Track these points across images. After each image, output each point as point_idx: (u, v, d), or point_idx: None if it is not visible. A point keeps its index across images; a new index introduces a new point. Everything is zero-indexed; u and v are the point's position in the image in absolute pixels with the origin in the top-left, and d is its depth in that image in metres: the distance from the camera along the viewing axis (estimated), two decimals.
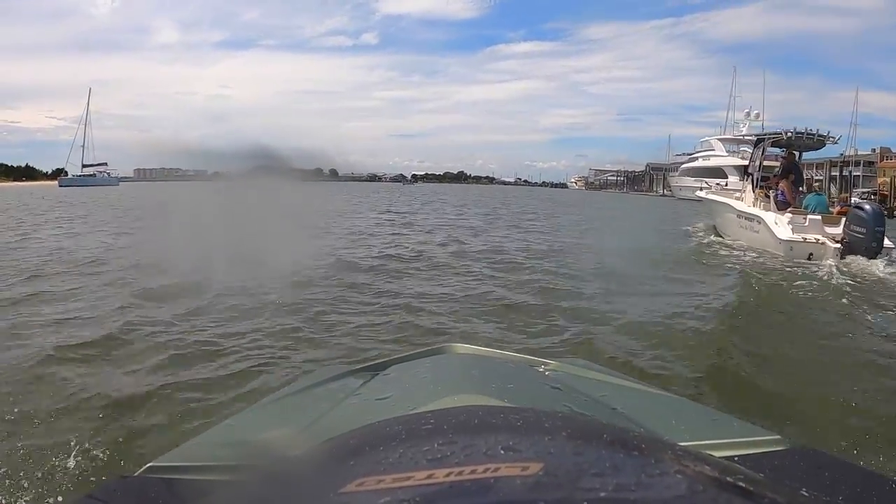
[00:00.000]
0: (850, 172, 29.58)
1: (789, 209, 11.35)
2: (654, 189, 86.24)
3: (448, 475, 0.42)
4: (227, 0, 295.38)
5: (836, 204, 12.52)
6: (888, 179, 38.11)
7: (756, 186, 13.45)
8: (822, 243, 10.13)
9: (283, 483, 0.51)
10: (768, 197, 12.62)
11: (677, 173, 61.69)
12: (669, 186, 66.49)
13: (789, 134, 12.95)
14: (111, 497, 0.83)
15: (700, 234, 15.55)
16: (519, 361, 1.60)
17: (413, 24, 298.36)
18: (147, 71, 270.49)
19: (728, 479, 0.42)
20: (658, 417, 1.13)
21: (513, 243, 13.09)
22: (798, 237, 10.38)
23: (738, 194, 15.21)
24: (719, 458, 0.58)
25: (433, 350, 1.75)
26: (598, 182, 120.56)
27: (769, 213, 11.63)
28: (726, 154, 50.05)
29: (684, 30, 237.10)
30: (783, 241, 10.45)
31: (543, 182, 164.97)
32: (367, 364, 1.69)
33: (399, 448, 0.50)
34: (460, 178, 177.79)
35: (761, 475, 0.48)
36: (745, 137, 42.03)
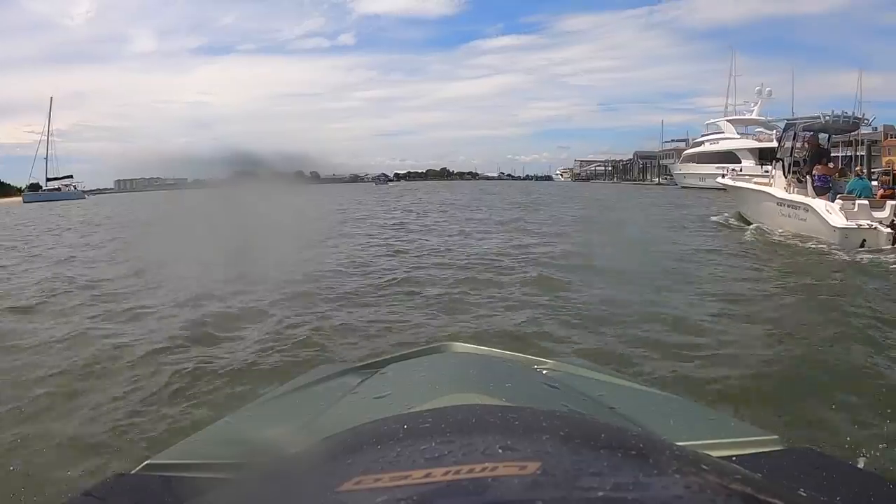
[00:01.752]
0: (871, 152, 29.48)
1: (839, 196, 11.57)
2: (647, 178, 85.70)
3: (446, 474, 0.45)
4: (202, 6, 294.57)
5: (879, 187, 12.67)
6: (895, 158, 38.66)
7: (788, 172, 13.66)
8: (875, 229, 10.38)
9: (280, 481, 0.55)
10: (801, 182, 12.86)
11: (679, 160, 61.03)
12: (669, 174, 65.99)
13: (827, 118, 13.16)
14: (109, 494, 0.87)
15: (736, 224, 15.63)
16: (517, 361, 1.67)
17: (390, 23, 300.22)
18: (126, 81, 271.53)
19: (725, 479, 0.45)
20: (656, 417, 1.19)
21: None
22: (853, 224, 10.59)
23: (759, 180, 15.60)
24: (716, 458, 0.60)
25: (431, 349, 1.83)
26: (584, 173, 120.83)
27: (818, 200, 11.80)
28: (738, 136, 49.56)
29: (660, 18, 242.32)
30: (838, 228, 10.62)
31: (527, 175, 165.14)
32: (364, 362, 1.78)
33: (397, 447, 0.53)
34: (443, 174, 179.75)
35: (758, 475, 0.50)
36: (769, 121, 41.46)
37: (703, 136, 56.60)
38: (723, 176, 18.98)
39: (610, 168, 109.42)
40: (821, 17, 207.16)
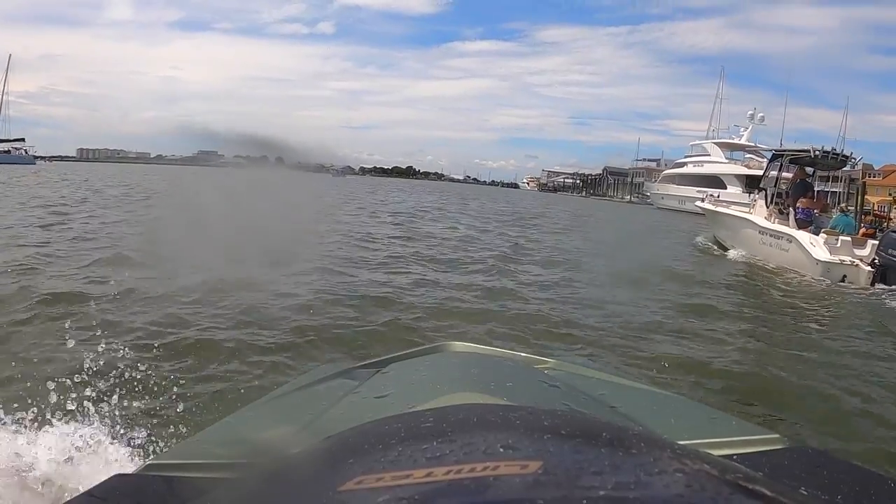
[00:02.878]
0: (858, 188, 30.16)
1: (822, 230, 12.11)
2: (616, 194, 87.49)
3: (447, 473, 0.46)
4: None
5: (861, 226, 13.35)
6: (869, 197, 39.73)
7: (770, 202, 14.26)
8: (857, 266, 10.92)
9: (282, 481, 0.58)
10: (783, 213, 13.43)
11: (655, 179, 61.60)
12: (639, 193, 66.38)
13: (817, 152, 13.72)
14: (110, 494, 0.89)
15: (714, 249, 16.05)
16: (518, 360, 1.73)
17: (371, 15, 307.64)
18: (99, 48, 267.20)
19: (726, 477, 0.46)
20: (657, 416, 1.25)
21: None
22: (836, 259, 11.11)
23: (738, 207, 16.18)
24: (718, 456, 0.63)
25: (432, 348, 1.88)
26: (551, 184, 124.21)
27: (801, 232, 12.33)
28: (725, 161, 50.00)
29: (640, 38, 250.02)
30: (821, 262, 11.14)
31: (493, 181, 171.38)
32: (366, 362, 1.82)
33: (398, 446, 0.55)
34: (409, 173, 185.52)
35: (760, 474, 0.53)
36: (761, 148, 41.61)
37: (686, 157, 56.93)
38: (702, 200, 19.48)
39: (578, 181, 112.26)
40: (794, 57, 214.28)
